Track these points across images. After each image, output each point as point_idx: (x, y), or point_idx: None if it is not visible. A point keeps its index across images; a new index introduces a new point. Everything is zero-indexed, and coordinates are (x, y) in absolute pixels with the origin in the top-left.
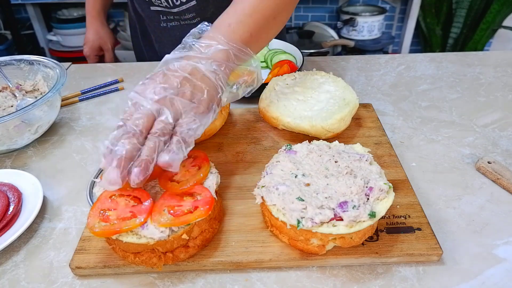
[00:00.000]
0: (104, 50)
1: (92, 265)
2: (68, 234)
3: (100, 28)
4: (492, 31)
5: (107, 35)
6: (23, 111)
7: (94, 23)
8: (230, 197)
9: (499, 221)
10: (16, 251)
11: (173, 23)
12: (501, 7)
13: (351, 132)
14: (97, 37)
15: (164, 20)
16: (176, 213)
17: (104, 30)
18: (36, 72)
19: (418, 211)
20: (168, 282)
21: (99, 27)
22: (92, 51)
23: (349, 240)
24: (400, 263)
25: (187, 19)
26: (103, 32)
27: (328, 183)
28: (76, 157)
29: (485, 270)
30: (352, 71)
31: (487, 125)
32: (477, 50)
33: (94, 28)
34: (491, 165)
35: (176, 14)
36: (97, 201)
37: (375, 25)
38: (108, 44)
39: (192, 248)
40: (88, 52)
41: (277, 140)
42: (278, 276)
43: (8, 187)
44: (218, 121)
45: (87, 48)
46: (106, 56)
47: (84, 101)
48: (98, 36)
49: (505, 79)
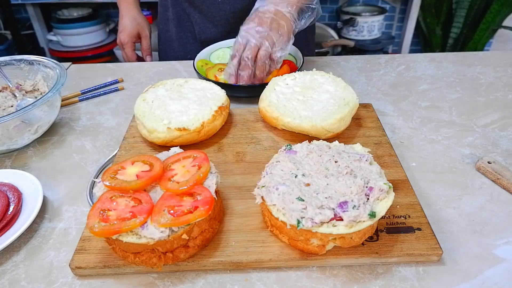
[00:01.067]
0: (141, 37)
1: (92, 265)
2: (68, 234)
3: (137, 14)
4: (492, 31)
5: (144, 22)
6: (23, 111)
7: (131, 10)
8: (230, 197)
9: (499, 221)
10: (16, 251)
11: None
12: (501, 7)
13: (351, 132)
14: (135, 23)
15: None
16: (176, 213)
17: (141, 17)
18: (36, 72)
19: (418, 211)
20: (168, 282)
21: (136, 13)
22: (131, 38)
23: (349, 240)
24: (400, 263)
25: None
26: (140, 19)
27: (328, 183)
28: (76, 157)
29: (485, 270)
30: (352, 71)
31: (487, 125)
32: (477, 50)
33: (132, 15)
34: (491, 165)
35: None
36: (97, 201)
37: (375, 25)
38: (146, 30)
39: (192, 248)
40: (127, 38)
41: (277, 140)
42: (278, 276)
43: (8, 187)
44: (218, 121)
45: (124, 34)
46: (144, 43)
47: (84, 101)
48: (136, 23)
49: (505, 79)
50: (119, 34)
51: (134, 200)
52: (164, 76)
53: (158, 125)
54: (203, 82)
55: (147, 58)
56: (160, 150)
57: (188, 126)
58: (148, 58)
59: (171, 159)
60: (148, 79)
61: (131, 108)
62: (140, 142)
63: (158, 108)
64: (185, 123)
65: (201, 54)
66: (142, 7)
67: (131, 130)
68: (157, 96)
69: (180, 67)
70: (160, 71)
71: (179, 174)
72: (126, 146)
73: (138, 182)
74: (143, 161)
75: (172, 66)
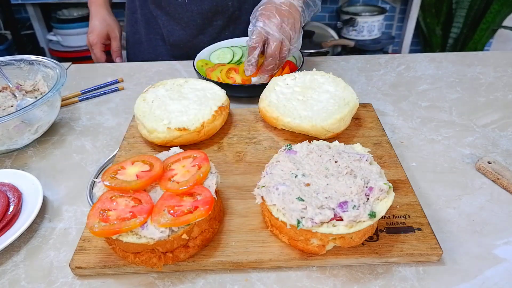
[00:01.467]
0: (111, 38)
1: (92, 265)
2: (68, 234)
3: (107, 15)
4: (492, 31)
5: (114, 23)
6: (23, 111)
7: (100, 11)
8: (230, 197)
9: (499, 221)
10: (16, 251)
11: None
12: (501, 7)
13: (351, 132)
14: (105, 24)
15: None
16: (176, 213)
17: (111, 18)
18: (36, 72)
19: (418, 211)
20: (168, 282)
21: (106, 14)
22: (100, 39)
23: (349, 240)
24: (400, 263)
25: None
26: (110, 20)
27: (328, 183)
28: (76, 157)
29: (485, 270)
30: (352, 71)
31: (487, 125)
32: (477, 50)
33: (101, 16)
34: (491, 165)
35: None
36: (97, 201)
37: (375, 25)
38: (116, 31)
39: (192, 248)
40: (95, 39)
41: (277, 140)
42: (278, 276)
43: (8, 187)
44: (218, 121)
45: (93, 35)
46: (114, 44)
47: (84, 101)
48: (106, 24)
49: (505, 79)
50: (88, 35)
51: (134, 200)
52: (164, 76)
53: (158, 125)
54: (203, 82)
55: (117, 60)
56: (160, 150)
57: (188, 126)
58: (118, 59)
59: (171, 159)
60: (148, 79)
61: (131, 108)
62: (140, 142)
63: (158, 108)
64: (185, 123)
65: (201, 54)
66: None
67: (131, 130)
68: (157, 96)
69: (180, 67)
70: (160, 71)
71: (179, 174)
72: (126, 146)
73: (138, 182)
74: (143, 161)
75: (172, 66)
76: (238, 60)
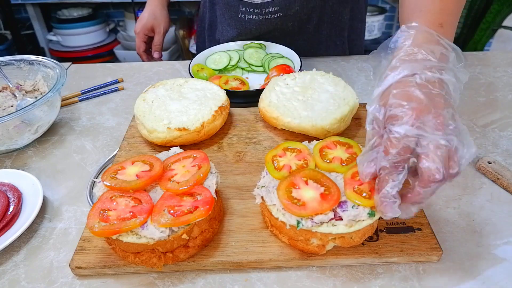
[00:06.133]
0: (155, 32)
1: (92, 265)
2: (68, 234)
3: (158, 9)
4: (492, 31)
5: (162, 18)
6: (23, 111)
7: (153, 3)
8: (230, 197)
9: (499, 221)
10: (16, 251)
11: (251, 16)
12: (501, 7)
13: (351, 132)
14: (152, 17)
15: (243, 11)
16: (176, 213)
17: (162, 13)
18: (36, 72)
19: (418, 211)
20: (168, 282)
21: (157, 7)
22: (143, 30)
23: (349, 239)
24: (400, 263)
25: (268, 13)
26: (160, 14)
27: None
28: (76, 157)
29: (485, 270)
30: (352, 71)
31: (487, 125)
32: (477, 50)
33: (151, 8)
34: (491, 165)
35: (258, 6)
36: (97, 201)
37: (375, 25)
38: (161, 27)
39: (192, 248)
40: (139, 29)
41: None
42: (278, 276)
43: (8, 187)
44: (218, 121)
45: (139, 25)
46: (156, 38)
47: (84, 101)
48: (154, 17)
49: (505, 79)
50: (136, 24)
51: (134, 200)
52: (164, 76)
53: (158, 125)
54: (203, 82)
55: (155, 54)
56: (160, 150)
57: (188, 126)
58: (156, 54)
59: (171, 159)
60: (148, 79)
61: (131, 108)
62: (140, 142)
63: (158, 108)
64: (185, 123)
65: (196, 59)
66: None
67: (131, 130)
68: (157, 96)
69: (180, 67)
70: (160, 71)
71: (179, 174)
72: (126, 146)
73: (138, 182)
74: (143, 161)
75: (172, 66)
76: (234, 65)
